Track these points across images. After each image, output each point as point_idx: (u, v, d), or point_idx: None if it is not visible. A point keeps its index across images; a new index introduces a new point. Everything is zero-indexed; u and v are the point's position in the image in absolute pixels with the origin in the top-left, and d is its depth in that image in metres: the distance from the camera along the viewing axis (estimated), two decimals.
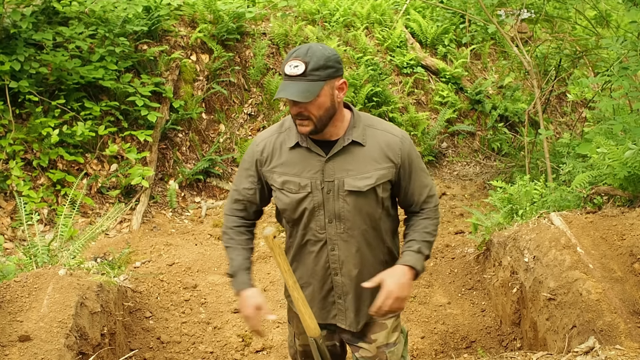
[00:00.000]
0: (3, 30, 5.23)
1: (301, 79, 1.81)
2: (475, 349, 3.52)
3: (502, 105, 8.01)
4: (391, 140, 1.99)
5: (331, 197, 1.97)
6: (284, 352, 3.49)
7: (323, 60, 1.82)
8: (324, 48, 1.87)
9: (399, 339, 2.23)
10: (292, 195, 2.00)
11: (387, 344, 2.16)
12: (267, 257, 4.60)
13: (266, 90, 6.85)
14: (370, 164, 1.96)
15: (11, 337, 2.46)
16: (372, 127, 2.01)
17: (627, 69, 3.81)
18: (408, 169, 2.02)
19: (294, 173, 1.99)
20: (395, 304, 1.93)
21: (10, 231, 4.76)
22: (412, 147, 2.03)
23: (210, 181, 6.25)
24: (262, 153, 2.03)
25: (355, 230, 2.00)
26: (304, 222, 2.03)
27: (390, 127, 2.04)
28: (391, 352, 2.17)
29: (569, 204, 3.75)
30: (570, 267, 2.89)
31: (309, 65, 1.81)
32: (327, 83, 1.85)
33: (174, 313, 3.86)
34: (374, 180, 1.96)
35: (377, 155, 1.97)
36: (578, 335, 2.64)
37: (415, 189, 2.06)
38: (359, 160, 1.96)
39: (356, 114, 2.01)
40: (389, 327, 2.15)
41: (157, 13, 6.18)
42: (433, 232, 2.09)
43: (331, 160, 1.96)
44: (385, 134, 2.00)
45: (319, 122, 1.88)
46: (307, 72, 1.81)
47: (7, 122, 5.08)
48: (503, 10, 6.27)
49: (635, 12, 3.87)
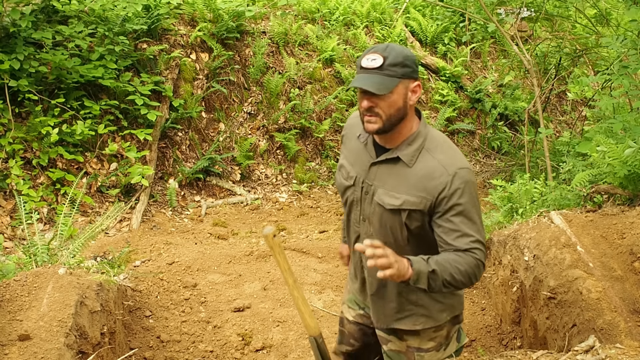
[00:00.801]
0: (2, 29, 5.23)
1: (377, 72, 1.79)
2: (476, 348, 3.52)
3: (502, 104, 8.01)
4: (438, 173, 1.82)
5: (367, 199, 1.97)
6: (283, 351, 3.49)
7: (401, 58, 1.80)
8: (402, 47, 1.85)
9: (437, 349, 2.13)
10: (342, 180, 2.06)
11: (419, 348, 2.12)
12: (267, 255, 4.60)
13: (266, 89, 6.84)
14: (405, 187, 1.87)
15: (11, 336, 2.46)
16: (430, 151, 1.87)
17: (627, 68, 3.81)
18: (444, 207, 1.82)
19: (350, 161, 2.03)
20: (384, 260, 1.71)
21: (10, 230, 4.75)
22: (465, 188, 1.81)
23: (210, 180, 6.24)
24: (345, 130, 2.14)
25: (380, 238, 1.93)
26: (347, 210, 2.08)
27: (450, 158, 1.85)
28: (420, 357, 2.12)
29: (569, 202, 3.75)
30: (571, 266, 2.89)
31: (387, 60, 1.79)
32: (402, 82, 1.81)
33: (173, 312, 3.86)
34: (399, 202, 1.88)
35: (417, 181, 1.85)
36: (578, 334, 2.64)
37: (451, 232, 1.83)
38: (398, 178, 1.90)
39: (420, 131, 1.89)
40: (421, 335, 2.10)
41: (156, 12, 6.17)
42: (456, 271, 1.80)
43: (376, 165, 1.94)
44: (436, 164, 1.84)
45: (388, 121, 1.83)
46: (384, 66, 1.79)
47: (7, 121, 5.08)
48: (503, 9, 6.27)
49: (635, 10, 3.87)
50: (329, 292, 4.13)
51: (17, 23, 5.15)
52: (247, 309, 3.89)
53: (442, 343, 2.12)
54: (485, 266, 1.86)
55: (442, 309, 2.05)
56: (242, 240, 5.14)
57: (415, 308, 2.04)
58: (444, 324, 2.09)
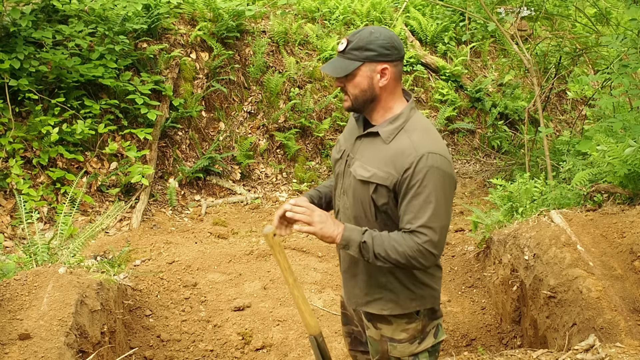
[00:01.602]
0: (3, 28, 5.23)
1: (341, 56, 1.94)
2: (476, 347, 3.52)
3: (502, 103, 8.01)
4: (407, 152, 1.88)
5: (347, 173, 2.06)
6: (284, 350, 3.49)
7: (364, 42, 1.89)
8: (377, 32, 1.92)
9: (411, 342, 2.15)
10: (335, 154, 2.17)
11: (392, 338, 2.16)
12: (267, 255, 4.60)
13: (266, 88, 6.84)
14: (377, 162, 1.95)
15: (11, 335, 2.46)
16: (407, 132, 1.93)
17: (627, 67, 3.81)
18: (406, 187, 1.87)
19: (345, 137, 2.16)
20: (304, 216, 1.90)
21: (10, 229, 4.75)
22: (431, 172, 1.84)
23: (210, 179, 6.24)
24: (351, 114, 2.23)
25: (352, 212, 2.04)
26: (334, 184, 2.18)
27: (424, 141, 1.89)
28: (393, 346, 2.16)
29: (569, 201, 3.75)
30: (571, 265, 2.89)
31: (349, 45, 1.91)
32: (366, 65, 1.91)
33: (174, 311, 3.86)
34: (368, 175, 1.96)
35: (388, 157, 1.92)
36: (578, 333, 2.64)
37: (407, 212, 1.88)
38: (373, 152, 1.99)
39: (403, 112, 1.96)
40: (393, 325, 2.14)
41: (156, 11, 6.17)
42: (392, 249, 1.87)
43: (360, 140, 2.05)
44: (408, 144, 1.89)
45: (355, 101, 1.97)
46: (346, 50, 1.92)
47: (7, 120, 5.08)
48: (503, 8, 6.27)
49: (635, 9, 3.87)
50: (329, 291, 4.13)
51: (18, 22, 5.15)
52: (247, 308, 3.89)
53: (416, 336, 2.15)
54: (434, 255, 1.88)
55: (411, 298, 2.09)
56: (242, 239, 5.15)
57: (383, 292, 2.09)
58: (418, 316, 2.13)
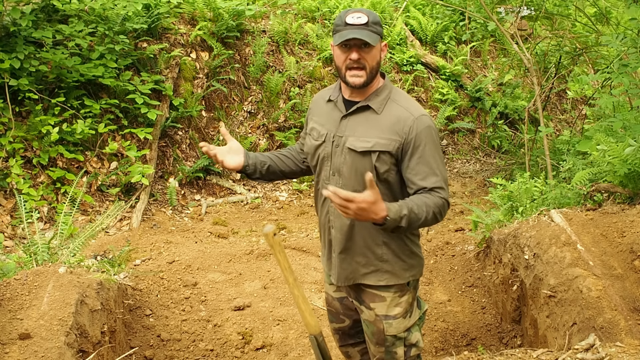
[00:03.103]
0: (3, 28, 5.23)
1: (365, 28, 1.99)
2: (476, 347, 3.52)
3: (502, 103, 8.01)
4: (404, 116, 2.02)
5: (337, 152, 2.11)
6: (284, 350, 3.50)
7: (377, 19, 2.03)
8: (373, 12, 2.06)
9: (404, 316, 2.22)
10: (313, 141, 2.20)
11: (387, 315, 2.20)
12: (267, 254, 4.60)
13: (266, 88, 6.84)
14: (375, 131, 2.04)
15: (11, 335, 2.46)
16: (396, 101, 2.08)
17: (627, 66, 3.81)
18: (412, 148, 2.00)
19: (320, 122, 2.20)
20: (349, 209, 1.79)
21: (10, 229, 4.76)
22: (428, 132, 2.01)
23: (210, 179, 6.24)
24: (310, 106, 2.33)
25: (349, 188, 2.03)
26: (318, 170, 2.22)
27: (413, 106, 2.07)
28: (388, 324, 2.20)
29: (569, 201, 3.75)
30: (571, 264, 2.89)
31: (370, 18, 2.00)
32: (379, 40, 2.04)
33: (174, 311, 3.86)
34: (371, 144, 2.03)
35: (385, 126, 2.03)
36: (578, 333, 2.64)
37: (419, 172, 2.00)
38: (368, 125, 2.07)
39: (386, 84, 2.11)
40: (387, 301, 2.18)
41: (156, 11, 6.17)
42: (426, 210, 1.92)
43: (347, 118, 2.11)
44: (402, 110, 2.04)
45: (370, 74, 2.04)
46: (369, 23, 2.00)
47: (7, 120, 5.08)
48: (503, 8, 6.27)
49: (635, 9, 3.87)
50: None
51: (18, 22, 5.14)
52: (248, 308, 3.89)
53: (407, 310, 2.22)
54: (449, 205, 2.03)
55: (405, 268, 2.17)
56: (242, 239, 5.15)
57: (380, 263, 2.15)
58: (408, 287, 2.20)
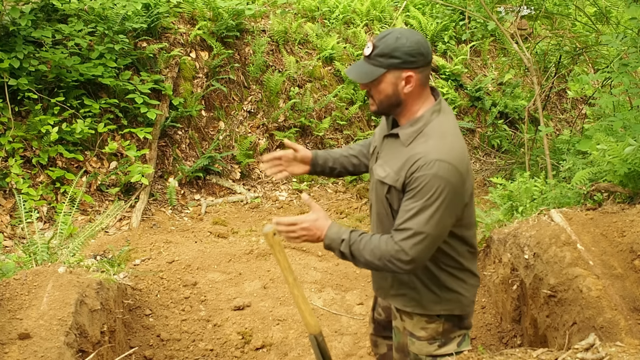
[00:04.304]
0: (2, 27, 5.22)
1: (367, 61, 1.91)
2: (476, 346, 3.52)
3: (502, 102, 8.01)
4: (416, 158, 1.84)
5: (373, 169, 2.09)
6: (284, 350, 3.49)
7: (390, 49, 1.85)
8: (404, 37, 1.86)
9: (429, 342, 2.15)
10: (371, 147, 2.20)
11: (412, 333, 2.18)
12: (267, 254, 4.60)
13: (266, 88, 6.84)
14: (393, 163, 1.94)
15: (11, 334, 2.46)
16: (426, 136, 1.89)
17: (627, 66, 3.80)
18: (408, 190, 1.87)
19: (377, 133, 2.16)
20: (295, 232, 1.95)
21: (10, 229, 4.75)
22: (433, 180, 1.80)
23: (210, 179, 6.24)
24: None
25: (375, 208, 2.08)
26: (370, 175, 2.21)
27: (438, 147, 1.84)
28: (412, 342, 2.18)
29: (569, 200, 3.75)
30: (571, 264, 2.89)
31: (375, 50, 1.88)
32: (391, 72, 1.88)
33: (173, 311, 3.86)
34: (384, 175, 1.96)
35: (402, 160, 1.90)
36: (578, 332, 2.64)
37: (399, 214, 1.88)
38: (393, 153, 1.98)
39: (423, 115, 1.92)
40: (414, 320, 2.15)
41: (156, 10, 6.17)
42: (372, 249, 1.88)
43: (386, 138, 2.05)
44: (420, 150, 1.86)
45: (380, 106, 1.96)
46: (371, 56, 1.89)
47: (7, 119, 5.08)
48: (503, 7, 6.26)
49: (635, 8, 3.86)
50: (329, 290, 4.13)
51: (17, 22, 5.14)
52: (247, 308, 3.89)
53: (435, 338, 2.14)
54: (402, 260, 1.84)
55: (436, 301, 2.08)
56: (242, 238, 5.14)
57: (406, 290, 2.10)
58: (439, 318, 2.11)
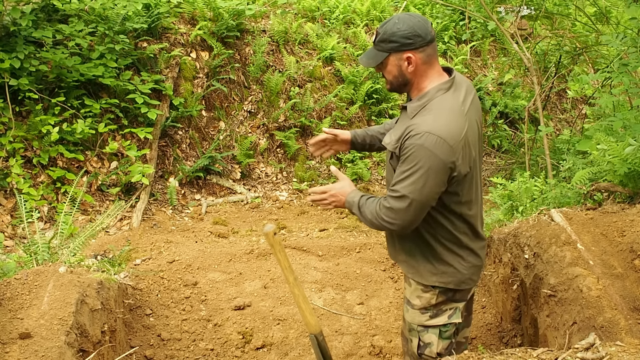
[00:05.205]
0: (3, 27, 5.23)
1: (374, 47, 2.10)
2: (476, 346, 3.52)
3: (502, 102, 8.01)
4: (411, 129, 1.99)
5: None
6: (284, 349, 3.50)
7: (388, 35, 2.02)
8: (401, 22, 2.01)
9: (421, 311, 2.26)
10: None
11: (408, 300, 2.28)
12: (267, 254, 4.60)
13: (266, 88, 6.84)
14: (397, 132, 2.09)
15: (11, 334, 2.46)
16: (427, 110, 2.02)
17: (627, 66, 3.81)
18: (400, 156, 2.03)
19: None
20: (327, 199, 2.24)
21: (11, 229, 4.76)
22: (421, 151, 1.94)
23: (210, 178, 6.24)
24: None
25: (386, 172, 2.25)
26: None
27: (431, 121, 1.97)
28: (406, 309, 2.30)
29: (569, 200, 3.75)
30: (571, 264, 2.89)
31: (378, 37, 2.06)
32: (393, 55, 2.04)
33: (174, 310, 3.86)
34: (388, 141, 2.12)
35: (402, 130, 2.06)
36: (578, 332, 2.64)
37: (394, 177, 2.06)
38: (400, 124, 2.14)
39: (428, 92, 2.05)
40: (412, 287, 2.27)
41: (156, 10, 6.17)
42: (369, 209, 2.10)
43: (401, 112, 2.21)
44: (417, 122, 2.00)
45: (391, 85, 2.14)
46: (376, 42, 2.08)
47: (7, 119, 5.08)
48: (503, 7, 6.26)
49: (635, 8, 3.87)
50: (329, 290, 4.13)
51: (18, 22, 5.14)
52: (248, 307, 3.89)
53: (427, 308, 2.24)
54: (387, 221, 2.05)
55: (432, 271, 2.19)
56: (242, 238, 5.15)
57: (407, 256, 2.24)
58: (433, 289, 2.21)
